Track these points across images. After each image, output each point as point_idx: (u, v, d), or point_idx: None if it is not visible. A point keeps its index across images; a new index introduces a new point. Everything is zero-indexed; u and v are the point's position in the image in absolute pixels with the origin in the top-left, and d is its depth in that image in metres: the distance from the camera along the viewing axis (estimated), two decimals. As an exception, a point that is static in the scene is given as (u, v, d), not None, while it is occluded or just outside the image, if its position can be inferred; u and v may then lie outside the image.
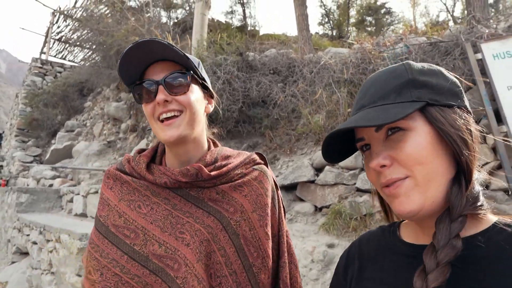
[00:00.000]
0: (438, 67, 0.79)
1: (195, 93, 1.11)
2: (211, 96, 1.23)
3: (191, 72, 1.10)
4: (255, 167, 1.21)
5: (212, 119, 5.28)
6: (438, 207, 0.71)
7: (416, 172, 0.70)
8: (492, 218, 0.73)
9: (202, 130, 1.17)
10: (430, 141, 0.71)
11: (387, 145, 0.74)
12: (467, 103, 0.78)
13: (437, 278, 0.63)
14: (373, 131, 0.76)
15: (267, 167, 1.26)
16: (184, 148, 1.11)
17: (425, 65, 0.79)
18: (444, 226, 0.68)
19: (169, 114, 1.05)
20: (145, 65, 1.09)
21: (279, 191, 1.27)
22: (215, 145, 1.25)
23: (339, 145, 0.86)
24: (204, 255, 1.03)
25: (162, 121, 1.06)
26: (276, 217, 1.19)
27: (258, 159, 1.25)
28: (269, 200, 1.16)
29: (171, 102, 1.05)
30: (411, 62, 0.79)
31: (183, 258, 1.02)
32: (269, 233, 1.13)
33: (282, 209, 1.23)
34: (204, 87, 1.18)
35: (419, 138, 0.71)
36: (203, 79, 1.16)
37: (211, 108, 1.22)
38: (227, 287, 1.04)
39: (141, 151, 1.23)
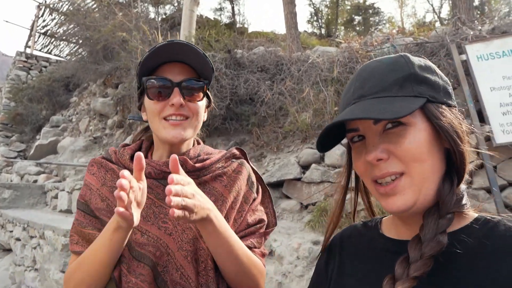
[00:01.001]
0: (432, 64, 0.79)
1: (203, 102, 1.17)
2: (208, 106, 1.28)
3: (208, 82, 1.16)
4: (234, 160, 1.27)
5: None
6: (428, 204, 0.72)
7: (412, 169, 0.70)
8: (473, 215, 0.74)
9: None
10: (427, 138, 0.71)
11: (385, 138, 0.73)
12: (455, 102, 0.79)
13: (419, 268, 0.64)
14: (371, 123, 0.75)
15: (247, 161, 1.32)
16: (177, 146, 1.16)
17: (422, 60, 0.78)
18: (432, 221, 0.68)
19: (178, 118, 1.10)
20: (164, 61, 1.12)
21: (261, 182, 1.34)
22: (198, 143, 1.31)
23: (330, 133, 0.84)
24: (187, 243, 1.07)
25: (166, 119, 1.10)
26: (251, 199, 1.24)
27: (238, 154, 1.31)
28: (244, 185, 1.22)
29: (183, 107, 1.10)
30: (409, 55, 0.78)
31: (165, 247, 1.06)
32: (237, 216, 1.18)
33: (259, 194, 1.29)
34: (207, 97, 1.23)
35: (419, 135, 0.71)
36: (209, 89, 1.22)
37: (206, 117, 1.27)
38: (211, 270, 1.09)
39: (125, 145, 1.26)
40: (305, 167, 4.75)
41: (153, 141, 1.25)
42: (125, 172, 0.83)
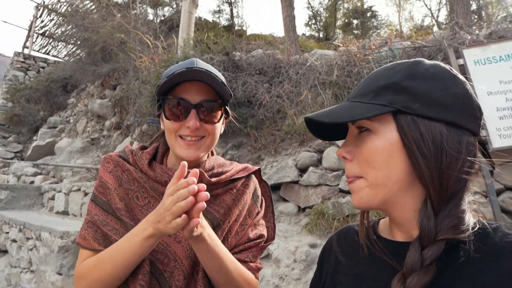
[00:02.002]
0: (450, 73, 0.72)
1: (220, 121, 1.18)
2: (227, 117, 1.28)
3: (224, 102, 1.16)
4: (246, 175, 1.29)
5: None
6: (402, 212, 0.73)
7: (367, 174, 0.72)
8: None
9: None
10: (388, 148, 0.69)
11: (356, 141, 0.76)
12: (473, 124, 0.70)
13: None
14: (351, 123, 0.77)
15: (259, 176, 1.35)
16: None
17: (436, 67, 0.72)
18: (413, 253, 0.66)
19: (193, 138, 1.11)
20: (182, 80, 1.11)
21: (268, 196, 1.37)
22: (212, 154, 1.32)
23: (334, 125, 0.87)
24: (194, 253, 1.08)
25: (182, 138, 1.11)
26: (254, 213, 1.26)
27: (252, 169, 1.31)
28: (249, 199, 1.25)
29: (200, 128, 1.10)
30: (422, 61, 0.74)
31: (173, 253, 1.08)
32: (239, 229, 1.20)
33: (262, 208, 1.31)
34: (225, 111, 1.22)
35: (378, 143, 0.70)
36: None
37: (223, 129, 1.28)
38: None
39: (142, 148, 1.26)
40: (302, 170, 4.75)
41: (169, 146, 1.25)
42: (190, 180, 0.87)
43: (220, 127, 1.20)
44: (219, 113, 1.15)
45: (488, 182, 3.45)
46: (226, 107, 1.21)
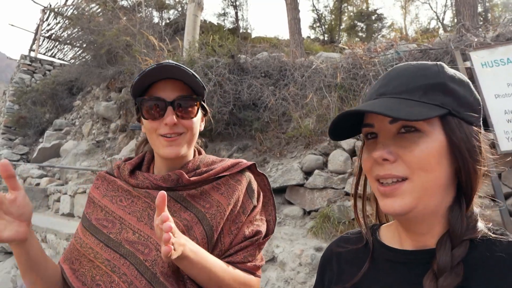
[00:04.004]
0: (467, 79, 0.76)
1: (198, 116, 1.19)
2: (205, 114, 1.30)
3: (200, 97, 1.18)
4: (238, 170, 1.27)
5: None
6: (430, 216, 0.71)
7: (416, 176, 0.69)
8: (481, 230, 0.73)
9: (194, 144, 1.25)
10: (439, 150, 0.69)
11: (397, 141, 0.72)
12: (481, 123, 0.76)
13: None
14: (387, 122, 0.73)
15: (255, 169, 1.34)
16: (175, 160, 1.19)
17: (457, 73, 0.76)
18: (445, 252, 0.67)
19: (173, 135, 1.12)
20: (155, 80, 1.14)
21: (267, 190, 1.36)
22: (200, 153, 1.32)
23: (346, 123, 0.82)
24: None
25: (163, 136, 1.13)
26: (249, 208, 1.23)
27: (243, 165, 1.29)
28: (242, 195, 1.22)
29: (177, 125, 1.12)
30: (444, 65, 0.77)
31: (155, 244, 1.09)
32: (233, 227, 1.18)
33: (259, 202, 1.29)
34: (202, 107, 1.24)
35: (432, 145, 0.69)
36: (204, 101, 1.24)
37: (203, 126, 1.29)
38: None
39: (128, 159, 1.31)
40: (308, 173, 4.73)
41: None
42: None
43: (198, 123, 1.21)
44: (195, 108, 1.16)
45: (495, 185, 3.42)
46: (203, 103, 1.23)
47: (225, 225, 1.16)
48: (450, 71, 0.75)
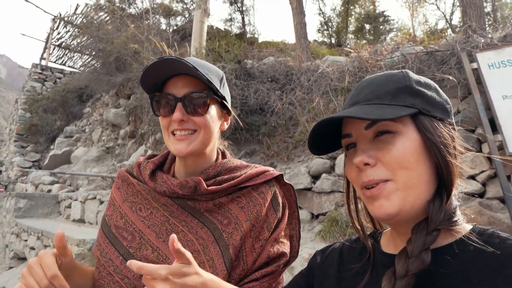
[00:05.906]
0: (433, 82, 0.81)
1: (212, 113, 1.11)
2: (228, 113, 1.22)
3: (212, 93, 1.10)
4: (263, 181, 1.18)
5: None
6: (416, 214, 0.73)
7: (398, 176, 0.71)
8: (466, 227, 0.75)
9: (213, 145, 1.18)
10: (416, 148, 0.72)
11: (374, 145, 0.75)
12: (453, 121, 0.80)
13: (403, 286, 0.65)
14: (362, 129, 0.76)
15: (281, 182, 1.24)
16: (192, 160, 1.13)
17: (422, 77, 0.80)
18: (420, 236, 0.69)
19: (183, 133, 1.07)
20: (167, 76, 1.09)
21: (293, 201, 1.25)
22: (224, 156, 1.25)
23: (326, 138, 0.86)
24: (161, 230, 1.09)
25: (174, 134, 1.08)
26: (274, 223, 1.14)
27: (269, 176, 1.20)
28: (265, 209, 1.13)
29: (187, 121, 1.06)
30: (409, 71, 0.81)
31: (138, 231, 1.08)
32: (257, 245, 1.10)
33: (285, 215, 1.19)
34: (222, 105, 1.17)
35: (407, 143, 0.72)
36: (223, 98, 1.15)
37: (226, 126, 1.22)
38: None
39: (151, 156, 1.25)
40: (315, 177, 4.74)
41: None
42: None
43: (213, 121, 1.11)
44: (207, 104, 1.08)
45: (504, 186, 3.39)
46: (225, 101, 1.16)
47: (246, 242, 1.09)
48: (416, 76, 0.80)
